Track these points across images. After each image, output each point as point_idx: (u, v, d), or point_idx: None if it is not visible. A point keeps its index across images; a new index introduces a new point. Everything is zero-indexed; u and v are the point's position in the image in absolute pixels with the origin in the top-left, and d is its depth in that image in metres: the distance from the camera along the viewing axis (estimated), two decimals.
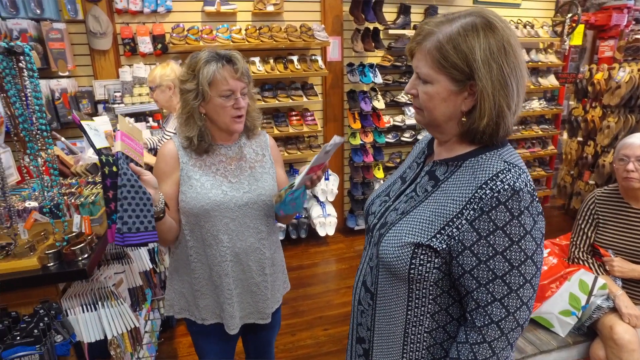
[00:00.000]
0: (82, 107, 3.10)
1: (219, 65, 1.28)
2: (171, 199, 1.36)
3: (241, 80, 1.31)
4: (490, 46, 0.79)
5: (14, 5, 2.74)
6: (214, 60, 1.29)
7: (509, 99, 0.81)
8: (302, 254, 3.79)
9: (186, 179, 1.35)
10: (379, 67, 3.91)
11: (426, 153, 1.01)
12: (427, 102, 0.86)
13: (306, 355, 2.51)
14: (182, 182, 1.35)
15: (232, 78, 1.29)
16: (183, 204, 1.34)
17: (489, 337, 0.81)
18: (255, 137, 1.48)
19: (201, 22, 3.43)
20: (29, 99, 1.18)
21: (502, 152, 0.86)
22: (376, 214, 1.01)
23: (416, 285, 0.87)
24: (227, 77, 1.28)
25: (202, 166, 1.37)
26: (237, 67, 1.29)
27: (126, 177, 1.08)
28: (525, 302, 0.80)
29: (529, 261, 0.79)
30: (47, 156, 1.29)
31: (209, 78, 1.27)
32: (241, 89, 1.32)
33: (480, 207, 0.80)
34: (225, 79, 1.28)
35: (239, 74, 1.29)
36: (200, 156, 1.38)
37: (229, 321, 1.41)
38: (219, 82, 1.28)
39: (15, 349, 1.07)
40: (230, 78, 1.29)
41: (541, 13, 4.55)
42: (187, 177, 1.35)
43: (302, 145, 3.80)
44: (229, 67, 1.29)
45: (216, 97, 1.30)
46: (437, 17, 0.85)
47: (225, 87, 1.29)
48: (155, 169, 1.39)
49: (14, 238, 1.25)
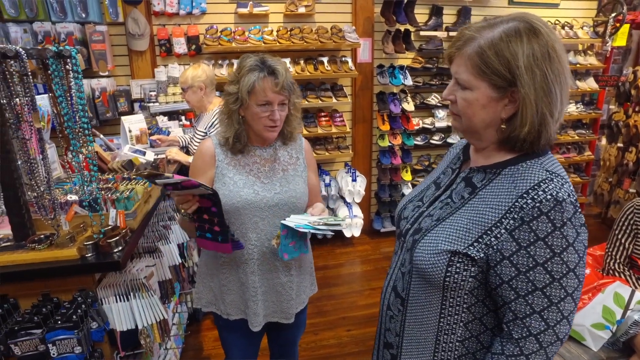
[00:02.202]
0: (119, 106, 3.24)
1: (260, 75, 1.29)
2: None
3: (281, 93, 1.31)
4: (534, 52, 0.77)
5: (62, 10, 2.91)
6: (257, 69, 1.29)
7: (552, 106, 0.79)
8: (327, 254, 3.81)
9: (220, 177, 1.39)
10: (409, 69, 3.87)
11: (462, 159, 0.99)
12: (465, 109, 0.85)
13: (328, 355, 2.53)
14: (217, 180, 1.39)
15: (272, 91, 1.30)
16: None
17: (526, 350, 0.79)
18: (292, 142, 1.50)
19: (234, 23, 3.51)
20: (74, 99, 1.26)
21: (544, 161, 0.83)
22: (409, 219, 0.99)
23: (450, 293, 0.86)
24: (266, 88, 1.29)
25: (236, 165, 1.41)
26: (278, 81, 1.29)
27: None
28: (565, 315, 0.78)
29: (571, 274, 0.77)
30: (87, 152, 1.36)
31: (249, 87, 1.29)
32: (280, 101, 1.33)
33: (520, 217, 0.78)
34: (264, 91, 1.29)
35: (279, 88, 1.30)
36: (235, 155, 1.41)
37: (252, 318, 1.44)
38: (258, 93, 1.30)
39: (57, 332, 1.14)
40: (270, 90, 1.30)
41: (581, 13, 4.38)
42: (221, 174, 1.39)
43: (330, 146, 3.82)
44: (271, 79, 1.29)
45: (253, 105, 1.32)
46: (478, 22, 0.83)
47: (263, 98, 1.30)
48: (192, 165, 1.45)
49: (57, 229, 1.32)
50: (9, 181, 1.26)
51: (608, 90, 4.42)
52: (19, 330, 1.14)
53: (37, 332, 1.14)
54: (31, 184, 1.28)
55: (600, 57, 4.37)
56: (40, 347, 1.15)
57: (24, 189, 1.30)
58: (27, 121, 1.21)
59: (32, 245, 1.27)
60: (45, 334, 1.14)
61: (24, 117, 1.21)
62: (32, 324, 1.15)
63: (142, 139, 2.71)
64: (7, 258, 1.24)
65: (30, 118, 1.22)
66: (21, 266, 1.24)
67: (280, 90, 1.31)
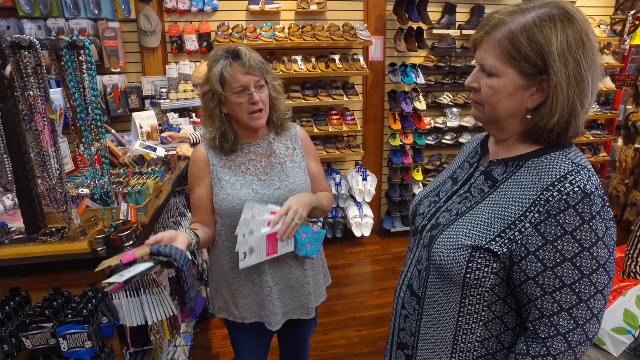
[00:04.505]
0: (130, 102, 3.24)
1: (226, 63, 1.25)
2: (206, 201, 1.38)
3: (252, 73, 1.26)
4: (568, 39, 0.73)
5: (75, 7, 2.93)
6: (221, 58, 1.25)
7: (583, 96, 0.76)
8: (337, 254, 3.78)
9: (217, 181, 1.36)
10: (421, 67, 3.83)
11: (479, 153, 0.96)
12: (490, 97, 0.81)
13: (338, 355, 2.50)
14: (214, 185, 1.36)
15: (241, 73, 1.25)
16: (216, 205, 1.36)
17: (554, 350, 0.75)
18: (286, 131, 1.45)
19: (245, 20, 3.50)
20: (86, 90, 1.25)
21: (569, 153, 0.80)
22: (425, 214, 0.96)
23: (470, 290, 0.83)
24: (235, 73, 1.25)
25: (231, 167, 1.37)
26: (243, 61, 1.24)
27: (181, 262, 1.10)
28: (595, 314, 0.74)
29: (601, 270, 0.74)
30: (99, 145, 1.35)
31: (218, 77, 1.25)
32: (255, 82, 1.28)
33: (546, 210, 0.74)
34: (234, 76, 1.25)
35: (247, 68, 1.25)
36: (229, 156, 1.37)
37: (270, 318, 1.41)
38: (229, 80, 1.25)
39: (67, 326, 1.12)
40: (239, 74, 1.25)
41: (598, 11, 4.29)
42: (217, 179, 1.36)
43: (341, 145, 3.79)
44: (237, 63, 1.25)
45: (230, 95, 1.27)
46: (508, 7, 0.79)
47: (236, 85, 1.25)
48: (189, 174, 1.42)
49: (68, 222, 1.31)
50: (21, 173, 1.26)
51: (625, 90, 4.34)
52: (30, 323, 1.13)
53: (47, 325, 1.13)
54: (43, 176, 1.27)
55: (618, 56, 4.29)
56: (51, 341, 1.14)
57: (36, 181, 1.29)
58: (40, 113, 1.20)
59: (44, 238, 1.26)
60: (56, 327, 1.13)
61: (37, 109, 1.20)
62: (43, 317, 1.14)
63: (152, 136, 2.71)
64: (19, 250, 1.23)
65: (44, 110, 1.21)
66: (33, 259, 1.23)
67: (250, 70, 1.25)
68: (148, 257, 1.09)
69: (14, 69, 1.16)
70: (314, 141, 3.67)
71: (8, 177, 1.24)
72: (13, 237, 1.29)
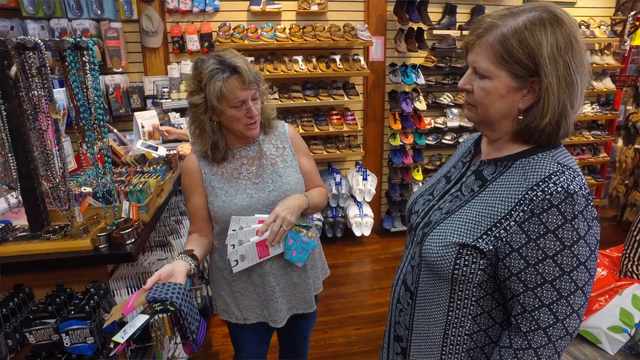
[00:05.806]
0: (132, 102, 3.27)
1: (224, 77, 1.22)
2: (202, 209, 1.39)
3: (250, 88, 1.26)
4: (558, 42, 0.76)
5: (78, 7, 2.96)
6: (218, 72, 1.22)
7: (573, 97, 0.78)
8: (337, 253, 3.80)
9: (210, 189, 1.37)
10: (421, 67, 3.84)
11: (473, 152, 0.99)
12: (483, 99, 0.83)
13: (337, 353, 2.52)
14: (208, 193, 1.37)
15: (241, 89, 1.24)
16: (212, 213, 1.38)
17: (535, 344, 0.78)
18: (273, 130, 1.44)
19: (247, 21, 3.52)
20: (90, 90, 1.27)
21: (556, 154, 0.82)
22: (419, 212, 0.99)
23: (459, 286, 0.85)
24: (235, 89, 1.23)
25: (223, 174, 1.37)
26: (243, 78, 1.23)
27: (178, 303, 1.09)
28: (575, 310, 0.77)
29: (582, 267, 0.76)
30: (102, 144, 1.37)
31: (217, 93, 1.22)
32: (252, 96, 1.28)
33: (530, 209, 0.77)
34: (234, 92, 1.23)
35: (247, 85, 1.24)
36: (220, 164, 1.37)
37: (275, 316, 1.42)
38: (228, 96, 1.23)
39: (70, 322, 1.15)
40: (239, 90, 1.23)
41: (599, 12, 4.30)
42: (210, 187, 1.37)
43: (341, 145, 3.80)
44: (236, 78, 1.23)
45: (227, 108, 1.26)
46: (499, 11, 0.82)
47: (234, 100, 1.24)
48: (183, 184, 1.42)
49: (71, 220, 1.34)
50: (26, 172, 1.28)
51: (625, 90, 4.34)
52: (33, 319, 1.15)
53: (51, 321, 1.15)
54: (47, 174, 1.30)
55: (618, 56, 4.29)
56: (54, 337, 1.16)
57: (40, 180, 1.31)
58: (44, 112, 1.22)
59: (47, 235, 1.28)
60: (59, 323, 1.15)
61: (41, 109, 1.23)
62: (46, 313, 1.16)
63: (154, 135, 2.73)
64: (22, 247, 1.25)
65: (47, 110, 1.23)
66: (36, 256, 1.25)
67: (249, 86, 1.25)
68: (147, 304, 1.09)
69: (19, 69, 1.19)
70: (314, 141, 3.70)
71: (13, 175, 1.26)
72: (17, 235, 1.32)
